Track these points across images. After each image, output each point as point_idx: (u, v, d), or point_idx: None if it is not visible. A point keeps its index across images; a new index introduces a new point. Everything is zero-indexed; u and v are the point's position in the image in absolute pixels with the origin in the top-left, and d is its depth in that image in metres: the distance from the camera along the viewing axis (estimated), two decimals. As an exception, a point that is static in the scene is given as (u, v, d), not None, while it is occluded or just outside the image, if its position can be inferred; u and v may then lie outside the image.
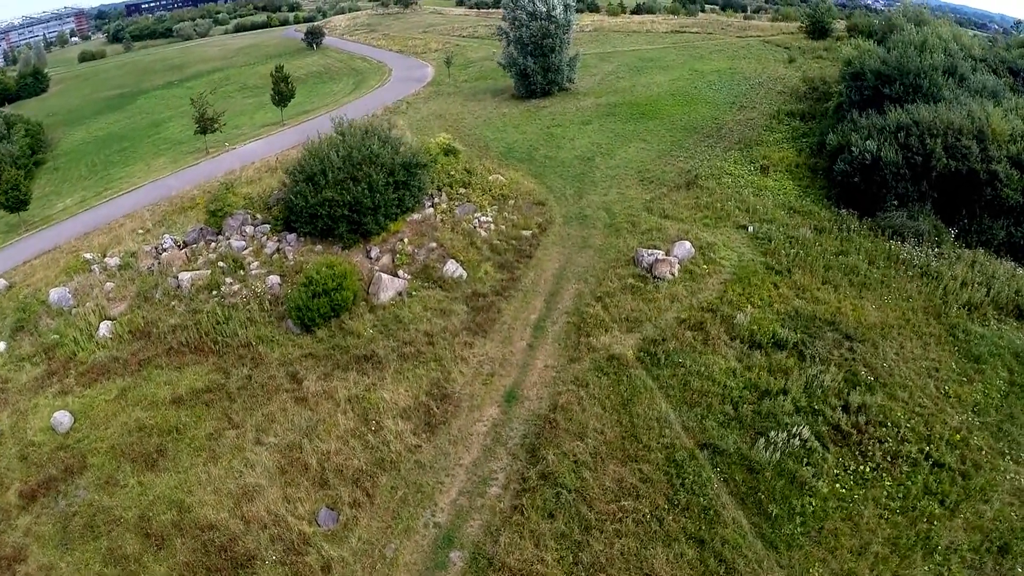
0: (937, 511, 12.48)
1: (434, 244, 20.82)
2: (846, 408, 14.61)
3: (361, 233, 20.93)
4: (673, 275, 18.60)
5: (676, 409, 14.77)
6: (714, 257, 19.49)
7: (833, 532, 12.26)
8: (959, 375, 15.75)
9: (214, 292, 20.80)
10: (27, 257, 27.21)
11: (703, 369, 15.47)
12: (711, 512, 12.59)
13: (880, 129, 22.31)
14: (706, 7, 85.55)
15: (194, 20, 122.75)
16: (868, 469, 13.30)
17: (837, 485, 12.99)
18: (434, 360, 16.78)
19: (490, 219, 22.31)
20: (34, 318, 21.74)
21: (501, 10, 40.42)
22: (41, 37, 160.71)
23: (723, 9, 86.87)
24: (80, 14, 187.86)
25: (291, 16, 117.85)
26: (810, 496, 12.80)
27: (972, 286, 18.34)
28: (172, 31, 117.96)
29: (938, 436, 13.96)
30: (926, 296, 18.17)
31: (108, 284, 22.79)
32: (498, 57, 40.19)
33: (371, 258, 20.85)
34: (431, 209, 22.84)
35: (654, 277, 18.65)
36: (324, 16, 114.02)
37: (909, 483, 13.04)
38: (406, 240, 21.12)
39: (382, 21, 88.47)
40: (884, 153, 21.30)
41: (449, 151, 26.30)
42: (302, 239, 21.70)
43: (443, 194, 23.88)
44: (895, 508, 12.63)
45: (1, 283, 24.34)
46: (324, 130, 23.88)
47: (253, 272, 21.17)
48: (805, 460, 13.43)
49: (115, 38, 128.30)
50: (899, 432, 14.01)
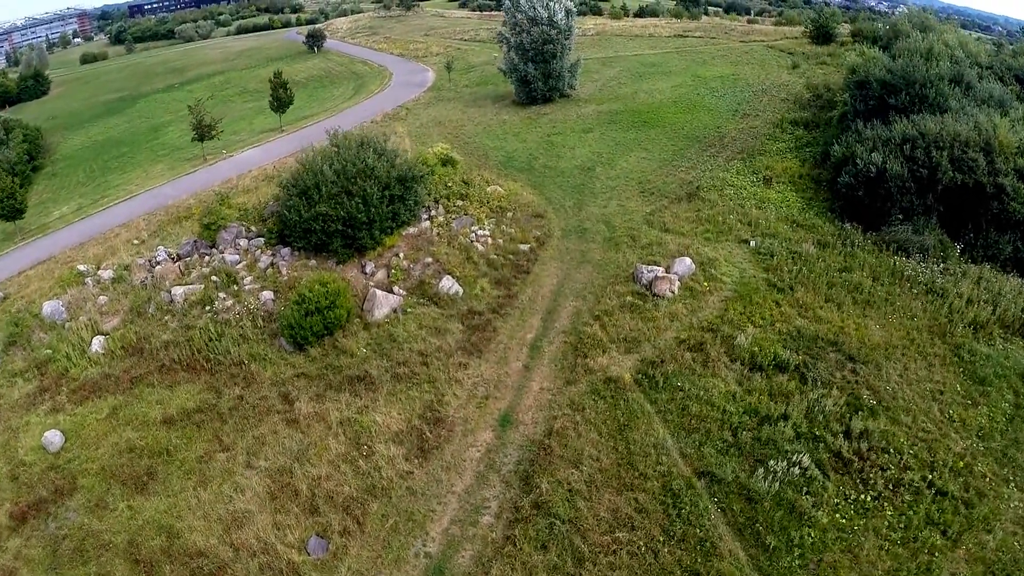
0: (939, 542, 12.15)
1: (430, 259, 20.51)
2: (848, 434, 14.25)
3: (356, 248, 20.64)
4: (673, 293, 18.25)
5: (674, 435, 14.43)
6: (715, 273, 19.14)
7: (832, 565, 11.92)
8: (964, 398, 15.39)
9: (207, 307, 20.57)
10: (22, 267, 27.06)
11: (702, 393, 15.12)
12: (707, 544, 12.26)
13: (885, 141, 21.90)
14: (709, 10, 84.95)
15: (196, 22, 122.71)
16: (869, 498, 12.95)
17: (837, 515, 12.65)
18: (428, 382, 16.48)
19: (487, 232, 21.99)
20: (27, 332, 21.54)
21: (503, 14, 40.03)
22: (44, 38, 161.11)
23: (726, 12, 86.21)
24: (83, 15, 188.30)
25: (293, 18, 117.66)
26: (809, 527, 12.46)
27: (978, 304, 17.96)
28: (174, 33, 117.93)
29: (941, 463, 13.62)
30: (931, 314, 17.78)
31: (102, 298, 22.57)
32: (499, 63, 39.84)
33: (366, 273, 20.57)
34: (428, 222, 22.53)
35: (653, 295, 18.30)
36: (326, 18, 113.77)
37: (911, 513, 12.70)
38: (402, 255, 20.81)
39: (384, 24, 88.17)
40: (889, 166, 20.89)
41: (447, 161, 25.99)
42: (296, 253, 21.43)
43: (440, 206, 23.57)
44: (896, 539, 12.29)
45: (-5, 295, 24.14)
46: (321, 138, 23.68)
47: (247, 287, 20.91)
48: (805, 489, 13.09)
49: (117, 39, 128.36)
50: (901, 459, 13.66)
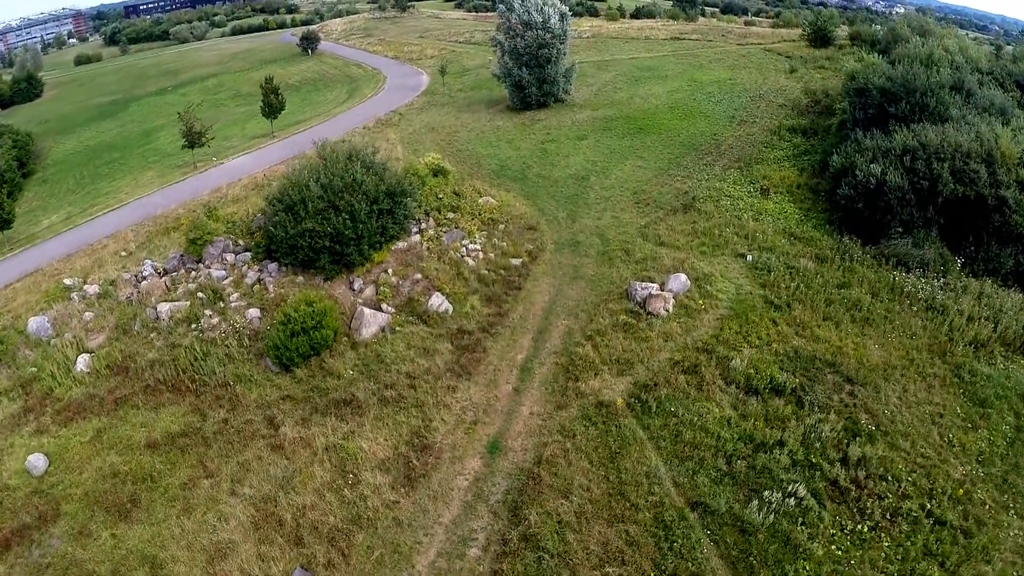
0: (937, 574, 11.80)
1: (419, 275, 20.09)
2: (845, 461, 13.88)
3: (344, 264, 20.21)
4: (667, 311, 17.84)
5: (667, 463, 14.04)
6: (710, 290, 18.72)
7: (828, 600, 11.59)
8: (964, 421, 15.04)
9: (193, 325, 20.17)
10: (9, 280, 26.62)
11: (696, 419, 14.72)
12: (700, 579, 11.91)
13: (885, 152, 21.47)
14: (706, 11, 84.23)
15: (191, 23, 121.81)
16: (866, 528, 12.60)
17: (833, 547, 12.29)
18: (415, 406, 16.07)
19: (478, 247, 21.56)
20: (12, 349, 21.15)
21: (497, 17, 39.50)
22: (39, 39, 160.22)
23: (723, 13, 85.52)
24: (78, 15, 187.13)
25: (288, 19, 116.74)
26: (805, 559, 12.09)
27: (979, 321, 17.60)
28: (169, 34, 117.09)
29: (940, 490, 13.27)
30: (931, 333, 17.41)
31: (87, 314, 22.17)
32: (493, 67, 39.33)
33: (354, 290, 20.15)
34: (418, 236, 22.10)
35: (647, 313, 17.89)
36: (321, 19, 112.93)
37: (908, 544, 12.34)
38: (390, 271, 20.39)
39: (379, 25, 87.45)
40: (889, 177, 20.48)
41: (438, 171, 25.54)
42: (283, 269, 21.00)
43: (431, 219, 23.13)
44: (893, 572, 11.94)
45: (-20, 311, 23.70)
46: (312, 146, 23.09)
47: (233, 304, 20.49)
48: (800, 520, 12.71)
49: (112, 40, 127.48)
50: (900, 487, 13.31)
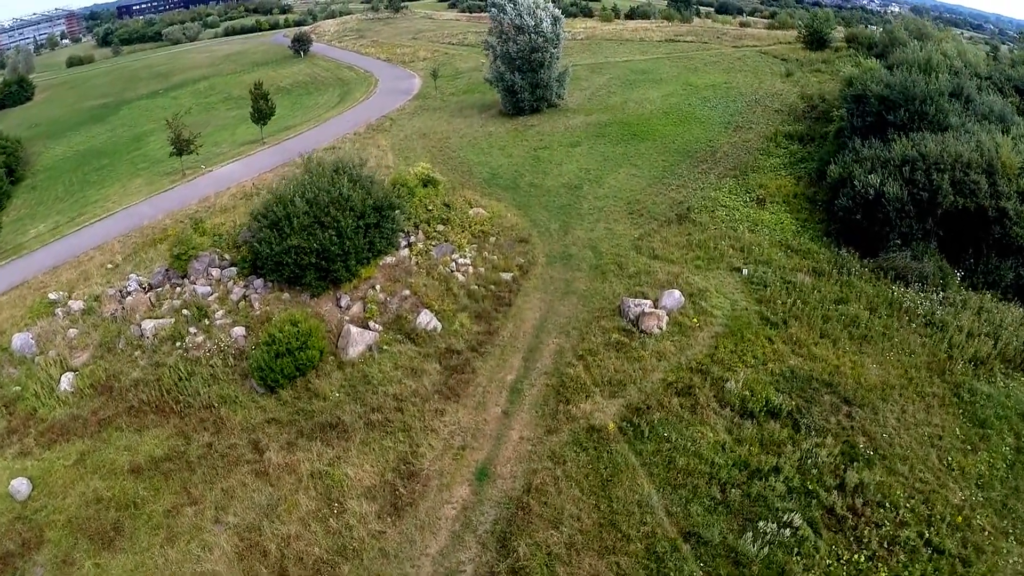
0: (935, 605, 11.47)
1: (407, 292, 19.64)
2: (842, 487, 13.51)
3: (331, 280, 19.75)
4: (661, 329, 17.43)
5: (660, 491, 13.64)
6: (705, 306, 18.31)
7: (826, 636, 11.22)
8: (963, 442, 14.68)
9: (177, 344, 19.74)
10: (-6, 293, 26.17)
11: (690, 444, 14.32)
12: (695, 615, 11.53)
13: (884, 162, 21.06)
14: (701, 11, 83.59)
15: (183, 23, 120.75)
16: (863, 558, 12.21)
17: (829, 579, 11.94)
18: (402, 430, 15.64)
19: (468, 261, 21.11)
20: (-5, 366, 20.72)
21: (489, 21, 38.94)
22: (32, 39, 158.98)
23: (718, 12, 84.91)
24: (71, 16, 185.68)
25: (281, 19, 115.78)
26: (801, 593, 11.75)
27: (979, 337, 17.23)
28: (161, 35, 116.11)
29: (939, 517, 12.91)
30: (930, 350, 17.03)
31: (72, 330, 21.74)
32: (485, 72, 38.81)
33: (341, 307, 19.70)
34: (406, 250, 21.63)
35: (640, 331, 17.47)
36: (314, 19, 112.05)
37: (906, 574, 11.97)
38: (378, 287, 19.94)
39: (371, 26, 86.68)
40: (888, 188, 20.08)
41: (428, 181, 25.05)
42: (269, 285, 20.53)
43: (420, 232, 22.66)
44: (891, 604, 11.62)
45: (-38, 327, 23.21)
46: (299, 156, 22.47)
47: (218, 322, 20.03)
48: (796, 550, 12.32)
49: (104, 42, 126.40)
50: (897, 514, 12.94)
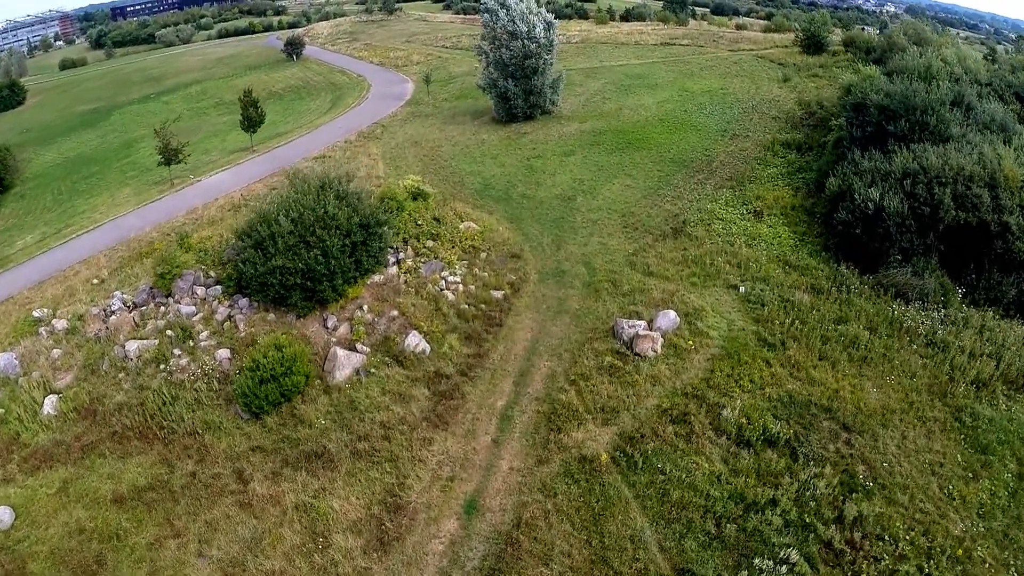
0: (934, 643, 11.09)
1: (396, 312, 19.16)
2: (840, 520, 13.08)
3: (317, 301, 19.27)
4: (655, 352, 16.97)
5: (653, 525, 13.20)
6: (701, 327, 17.85)
7: None
8: (964, 470, 14.29)
9: (161, 366, 19.29)
10: (-22, 309, 25.66)
11: (684, 475, 13.87)
12: (688, 660, 11.11)
13: (885, 175, 20.60)
14: (696, 12, 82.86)
15: (177, 25, 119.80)
16: (861, 596, 11.86)
17: (828, 619, 11.54)
18: (389, 460, 15.18)
19: (458, 279, 20.63)
20: (-22, 388, 20.27)
21: (481, 26, 38.37)
22: (25, 41, 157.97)
23: (713, 13, 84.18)
24: (64, 17, 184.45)
25: (275, 21, 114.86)
26: (799, 634, 11.35)
27: (981, 358, 16.81)
28: (154, 37, 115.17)
29: (939, 549, 12.51)
30: (931, 372, 16.61)
31: (55, 351, 21.29)
32: (478, 78, 38.26)
33: (328, 328, 19.22)
34: (395, 268, 21.14)
35: (634, 354, 17.01)
36: (308, 21, 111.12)
37: (905, 610, 11.63)
38: (365, 307, 19.45)
39: (365, 29, 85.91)
40: (888, 203, 19.61)
41: (418, 195, 24.55)
42: (255, 305, 20.05)
43: (409, 248, 22.17)
44: (890, 644, 11.22)
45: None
46: (292, 161, 21.85)
47: (202, 343, 19.56)
48: (793, 587, 11.95)
49: (97, 44, 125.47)
50: (897, 547, 12.54)
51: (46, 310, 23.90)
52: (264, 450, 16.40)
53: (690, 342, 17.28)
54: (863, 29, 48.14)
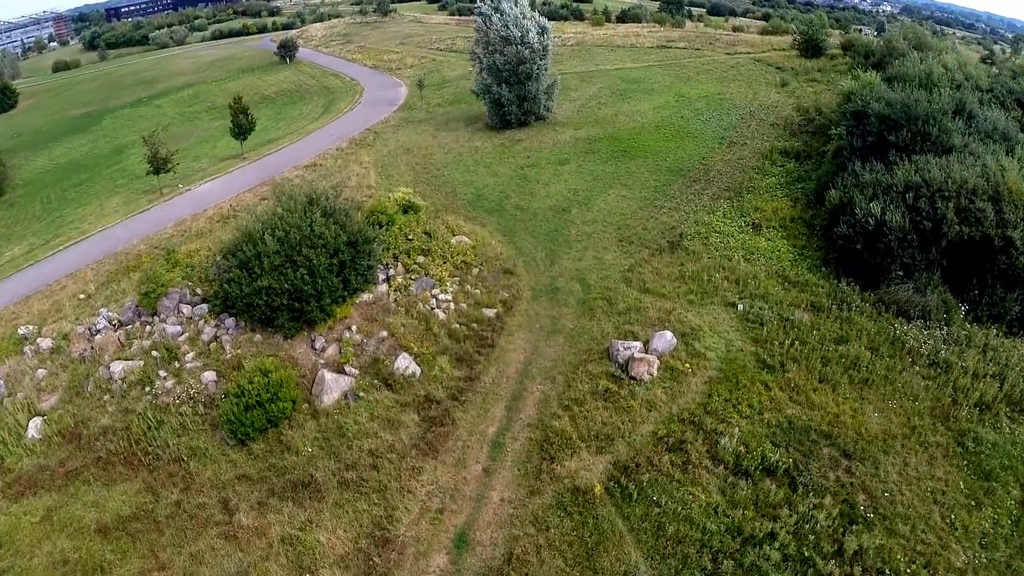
0: None
1: (385, 333, 18.70)
2: (840, 553, 12.71)
3: (305, 321, 18.80)
4: (651, 375, 16.53)
5: (648, 560, 12.79)
6: (698, 348, 17.41)
7: None
8: (967, 498, 13.91)
9: (147, 388, 18.87)
10: (-37, 325, 25.20)
11: (680, 508, 13.45)
12: None
13: (886, 188, 20.13)
14: (692, 12, 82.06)
15: (171, 27, 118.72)
16: (862, 633, 11.47)
17: (829, 660, 11.16)
18: (377, 491, 14.74)
19: (450, 297, 20.16)
20: (-38, 410, 19.83)
21: (475, 31, 37.78)
22: (19, 42, 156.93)
23: (710, 14, 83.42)
24: (59, 18, 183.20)
25: (269, 22, 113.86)
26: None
27: (984, 379, 16.42)
28: (148, 39, 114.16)
29: (940, 583, 12.16)
30: (933, 394, 16.20)
31: (40, 371, 20.88)
32: (472, 84, 37.72)
33: (316, 349, 18.76)
34: (384, 286, 20.66)
35: (630, 378, 16.56)
36: (303, 22, 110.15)
37: (907, 649, 11.25)
38: (354, 328, 18.99)
39: (359, 31, 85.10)
40: (890, 217, 19.16)
41: (409, 208, 24.03)
42: (241, 325, 19.58)
43: (399, 264, 21.69)
44: None
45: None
46: (284, 168, 21.11)
47: (188, 365, 19.10)
48: (794, 628, 11.57)
49: (91, 45, 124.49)
50: (897, 583, 12.18)
51: (32, 327, 23.45)
52: (250, 479, 15.97)
53: (687, 364, 16.84)
54: (860, 31, 47.60)
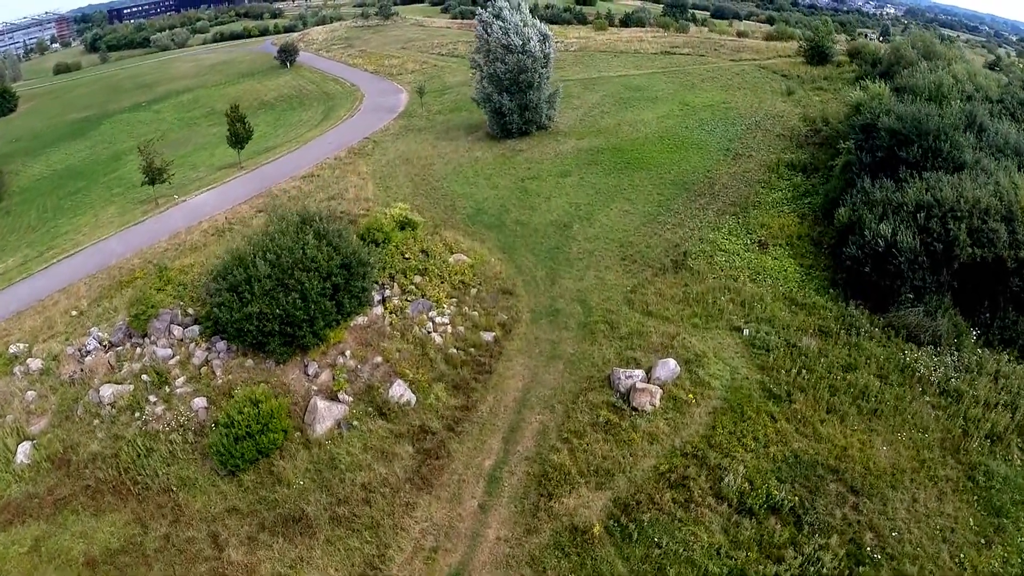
0: None
1: (380, 358, 18.22)
2: (848, 597, 12.23)
3: (297, 346, 18.34)
4: (654, 406, 16.01)
5: (650, 607, 12.34)
6: (703, 375, 16.88)
7: None
8: (977, 535, 13.41)
9: (136, 414, 18.47)
10: (-46, 342, 24.85)
11: (682, 549, 12.95)
12: None
13: (896, 207, 19.53)
14: (696, 16, 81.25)
15: (172, 29, 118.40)
16: None
17: None
18: (370, 528, 14.28)
19: (447, 320, 19.67)
20: (-50, 434, 19.46)
21: (475, 39, 37.23)
22: (22, 44, 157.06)
23: (713, 17, 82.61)
24: (61, 20, 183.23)
25: (271, 25, 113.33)
26: None
27: (995, 408, 15.86)
28: (149, 41, 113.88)
29: (949, 632, 11.66)
30: (944, 425, 15.66)
31: (29, 392, 20.54)
32: (472, 92, 37.19)
33: (308, 375, 18.30)
34: (380, 308, 20.17)
35: (631, 408, 16.05)
36: (305, 25, 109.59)
37: None
38: (348, 353, 18.51)
39: (360, 35, 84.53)
40: (901, 238, 18.56)
41: (406, 224, 23.55)
42: (233, 349, 19.13)
43: (395, 284, 21.20)
44: None
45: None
46: (281, 178, 20.47)
47: (178, 390, 18.67)
48: None
49: (92, 47, 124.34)
50: (906, 629, 11.66)
51: (23, 345, 23.13)
52: (240, 512, 15.53)
53: (690, 394, 16.31)
54: (865, 36, 46.91)
